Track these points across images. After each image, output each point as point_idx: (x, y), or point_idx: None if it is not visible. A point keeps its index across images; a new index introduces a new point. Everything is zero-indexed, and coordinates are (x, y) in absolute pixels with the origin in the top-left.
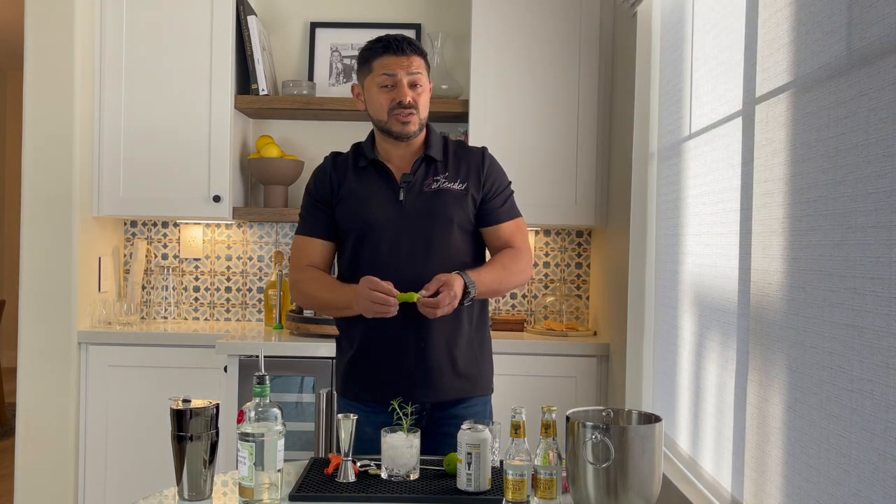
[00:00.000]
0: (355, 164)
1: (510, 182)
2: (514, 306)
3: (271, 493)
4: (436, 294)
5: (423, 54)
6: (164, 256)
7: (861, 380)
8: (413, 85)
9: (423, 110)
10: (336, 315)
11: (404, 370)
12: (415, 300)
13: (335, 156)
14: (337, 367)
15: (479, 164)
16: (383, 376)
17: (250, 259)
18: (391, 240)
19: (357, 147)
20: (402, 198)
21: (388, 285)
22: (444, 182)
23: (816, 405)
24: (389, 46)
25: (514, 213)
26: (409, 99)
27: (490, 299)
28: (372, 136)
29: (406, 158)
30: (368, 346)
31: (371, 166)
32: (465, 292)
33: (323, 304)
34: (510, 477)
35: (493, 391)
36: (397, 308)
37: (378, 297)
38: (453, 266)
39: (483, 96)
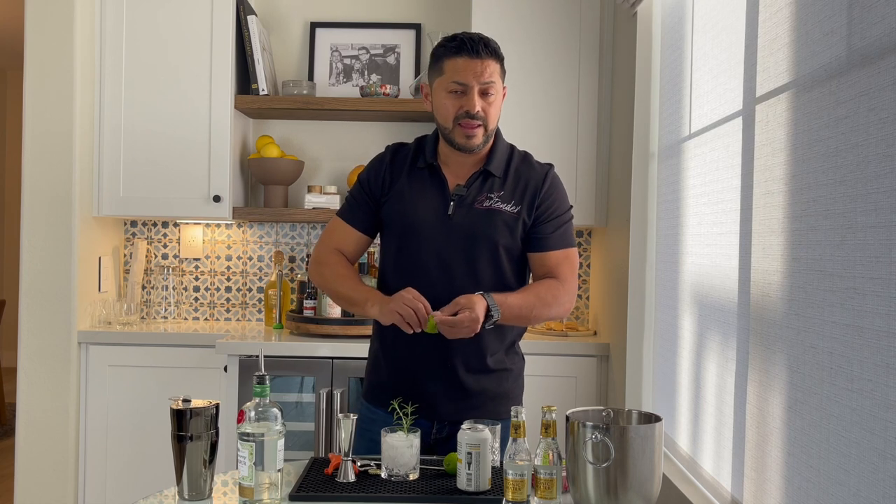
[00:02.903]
0: (413, 164)
1: (570, 207)
2: None
3: (271, 493)
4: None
5: (499, 58)
6: (164, 256)
7: (861, 380)
8: (484, 93)
9: (493, 121)
10: (345, 307)
11: (429, 391)
12: (435, 331)
13: (396, 149)
14: (365, 373)
15: (538, 185)
16: (406, 393)
17: (250, 259)
18: (433, 252)
19: (420, 143)
20: (450, 212)
21: (427, 307)
22: (498, 202)
23: (816, 405)
24: (463, 47)
25: (566, 243)
26: (477, 109)
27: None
28: (436, 135)
29: (465, 167)
30: (396, 362)
31: (427, 170)
32: (488, 315)
33: (336, 294)
34: (510, 477)
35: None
36: (416, 329)
37: (416, 306)
38: (492, 289)
39: None
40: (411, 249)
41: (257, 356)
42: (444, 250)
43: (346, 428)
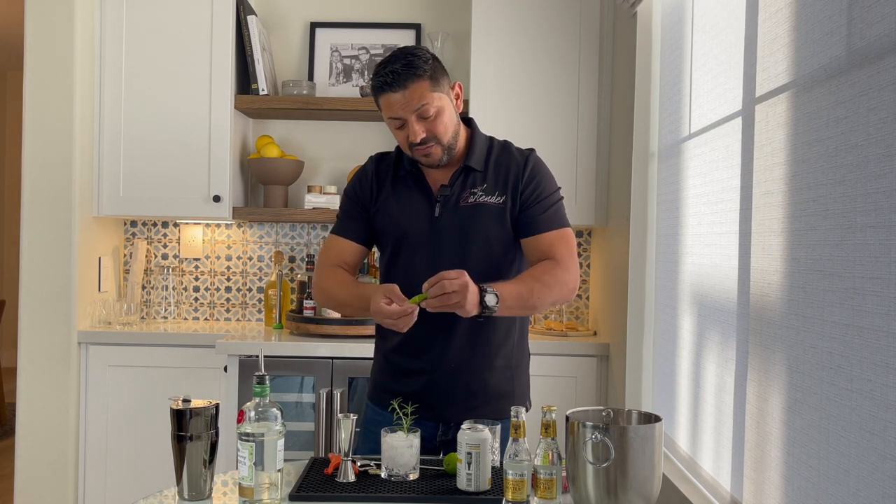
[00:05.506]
0: (395, 172)
1: (558, 189)
2: None
3: (271, 493)
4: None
5: (423, 75)
6: (164, 256)
7: (861, 380)
8: (422, 117)
9: (445, 134)
10: (353, 315)
11: (435, 392)
12: (424, 298)
13: (379, 159)
14: (371, 374)
15: (519, 171)
16: (412, 394)
17: (250, 259)
18: (427, 255)
19: (400, 150)
20: (437, 213)
21: (397, 299)
22: (482, 195)
23: (816, 405)
24: (384, 83)
25: (558, 223)
26: (420, 137)
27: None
28: None
29: (445, 168)
30: (400, 363)
31: (409, 176)
32: (484, 294)
33: (339, 303)
34: (510, 477)
35: (529, 407)
36: (416, 315)
37: (396, 315)
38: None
39: (483, 96)
40: (405, 257)
41: (257, 356)
42: (437, 252)
43: (345, 428)
